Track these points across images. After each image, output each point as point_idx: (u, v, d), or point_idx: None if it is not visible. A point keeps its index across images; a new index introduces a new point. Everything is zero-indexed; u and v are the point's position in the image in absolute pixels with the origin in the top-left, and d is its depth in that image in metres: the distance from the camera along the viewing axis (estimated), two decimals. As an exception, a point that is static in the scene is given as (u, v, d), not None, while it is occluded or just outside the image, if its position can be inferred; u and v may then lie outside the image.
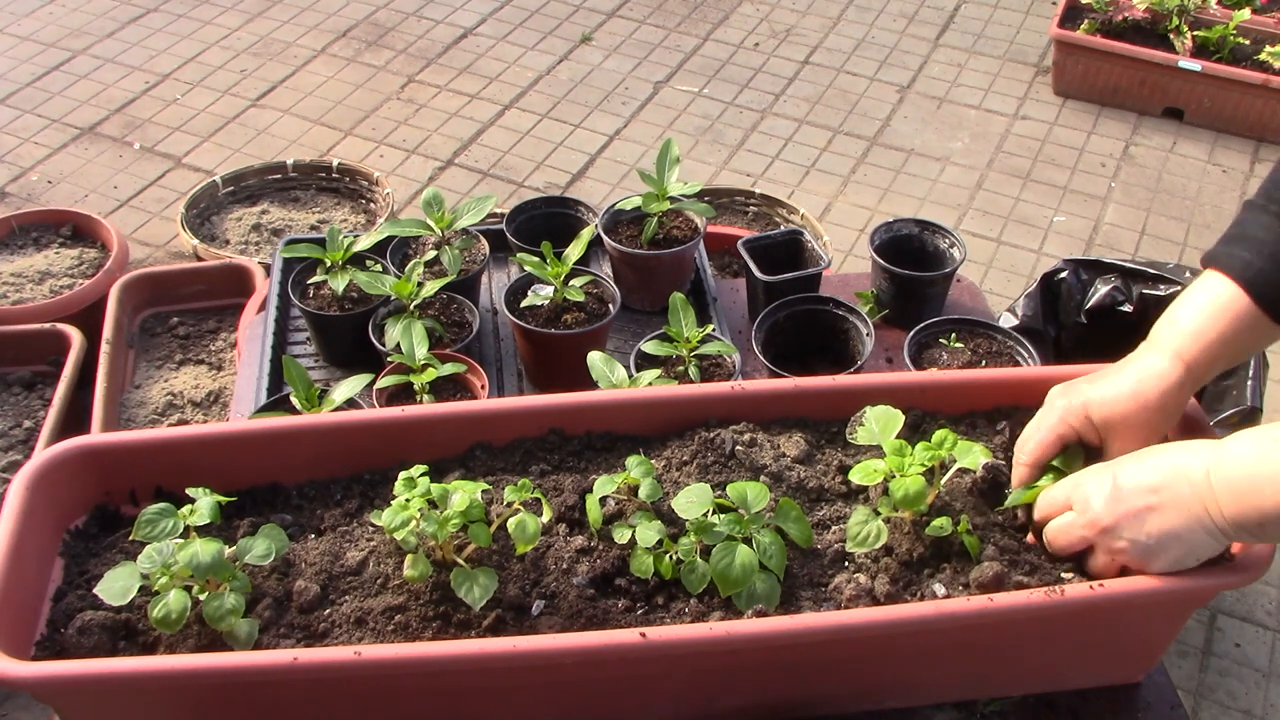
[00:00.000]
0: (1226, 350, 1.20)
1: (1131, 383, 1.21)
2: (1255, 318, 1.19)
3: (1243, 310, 1.19)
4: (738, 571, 1.15)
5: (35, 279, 2.88)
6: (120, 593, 1.11)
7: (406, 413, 1.32)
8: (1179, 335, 1.21)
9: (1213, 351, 1.20)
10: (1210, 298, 1.21)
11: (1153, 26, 3.95)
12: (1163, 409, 1.20)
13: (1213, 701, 2.33)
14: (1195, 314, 1.21)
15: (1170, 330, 1.23)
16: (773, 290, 1.88)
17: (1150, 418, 1.21)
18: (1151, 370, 1.21)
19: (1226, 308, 1.19)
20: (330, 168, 3.36)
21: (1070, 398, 1.25)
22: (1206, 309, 1.20)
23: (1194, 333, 1.20)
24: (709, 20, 4.49)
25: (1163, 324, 1.24)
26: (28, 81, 4.03)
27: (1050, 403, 1.27)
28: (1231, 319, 1.19)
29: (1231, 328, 1.20)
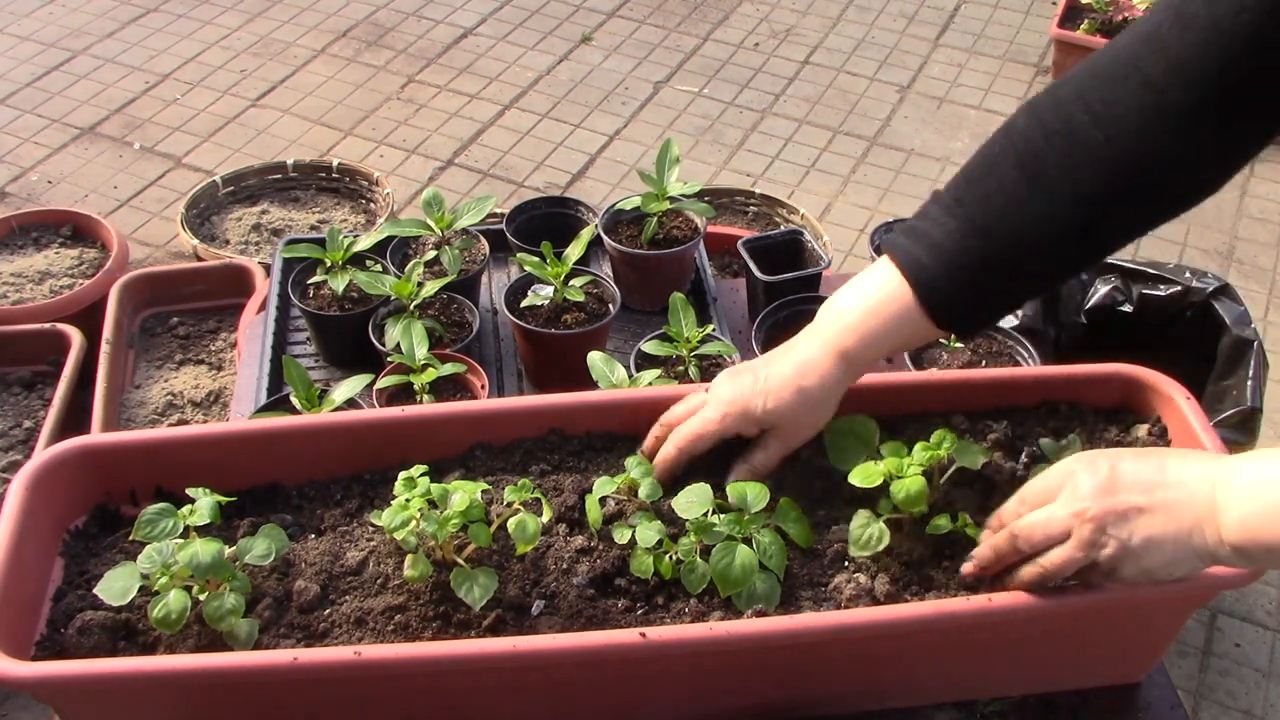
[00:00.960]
0: (887, 341, 1.21)
1: (792, 375, 1.21)
2: (918, 315, 1.18)
3: (906, 306, 1.18)
4: (738, 571, 1.16)
5: (35, 279, 2.88)
6: (120, 593, 1.11)
7: (406, 413, 1.32)
8: (841, 326, 1.21)
9: (871, 343, 1.20)
10: (876, 288, 1.19)
11: (1153, 26, 3.95)
12: (821, 402, 1.22)
13: (1213, 701, 2.33)
14: (859, 304, 1.20)
15: (833, 319, 1.22)
16: (773, 290, 1.88)
17: (808, 411, 1.22)
18: (811, 361, 1.21)
19: (890, 301, 1.18)
20: (330, 168, 3.36)
21: (734, 391, 1.23)
22: (871, 300, 1.19)
23: (855, 325, 1.20)
24: (709, 20, 4.49)
25: (827, 309, 1.24)
26: (28, 81, 4.03)
27: (715, 391, 1.26)
28: (894, 314, 1.18)
29: (893, 322, 1.19)
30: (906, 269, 1.18)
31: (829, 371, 1.21)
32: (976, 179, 1.16)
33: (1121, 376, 1.39)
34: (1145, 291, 2.27)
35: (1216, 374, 2.21)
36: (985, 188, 1.15)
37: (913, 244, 1.18)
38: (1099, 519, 1.04)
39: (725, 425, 1.23)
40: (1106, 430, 1.38)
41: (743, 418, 1.23)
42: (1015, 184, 1.12)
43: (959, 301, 1.17)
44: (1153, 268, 2.29)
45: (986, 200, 1.14)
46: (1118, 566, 1.05)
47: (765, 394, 1.22)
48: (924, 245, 1.17)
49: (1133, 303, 2.28)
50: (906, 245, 1.18)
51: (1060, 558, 1.07)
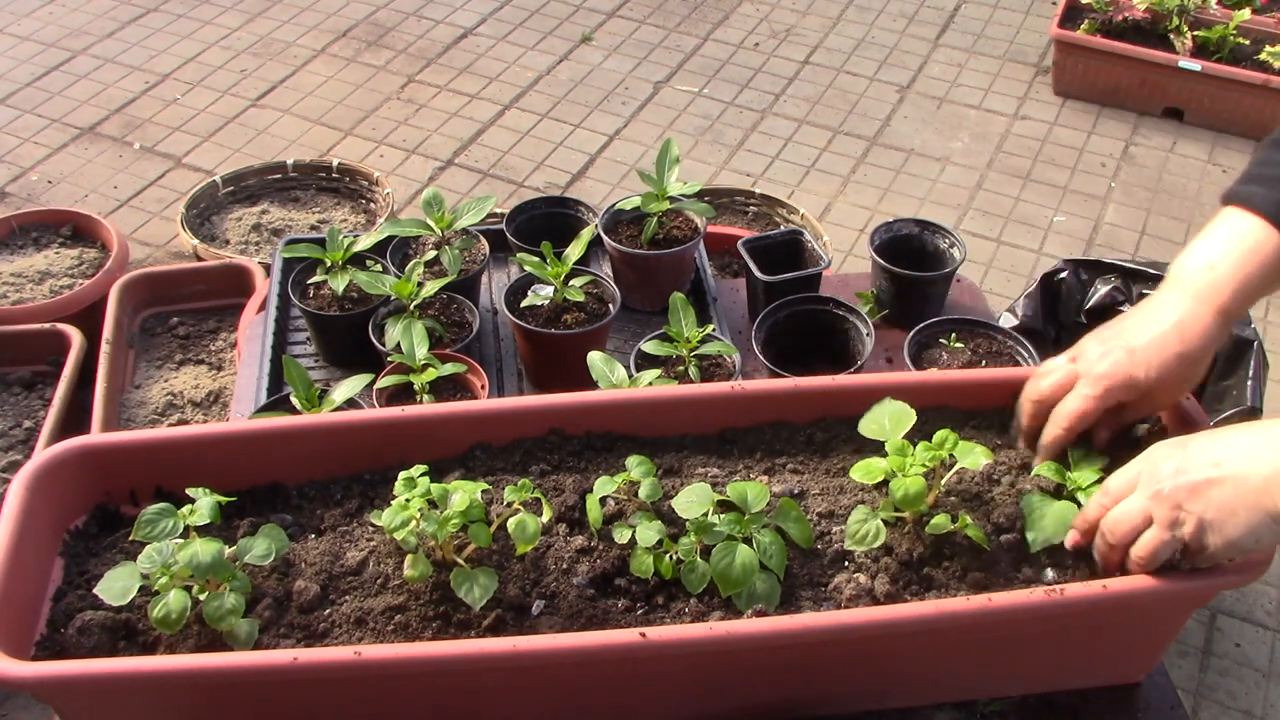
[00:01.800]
0: (1258, 292, 1.17)
1: (1174, 340, 1.17)
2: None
3: (1274, 249, 1.15)
4: (738, 571, 1.16)
5: (35, 279, 2.88)
6: (120, 593, 1.11)
7: (406, 413, 1.32)
8: (1214, 280, 1.17)
9: (1246, 294, 1.17)
10: (1240, 238, 1.16)
11: (1153, 26, 3.95)
12: (1202, 360, 1.18)
13: (1213, 701, 2.33)
14: (1230, 257, 1.16)
15: (1203, 275, 1.18)
16: (773, 290, 1.88)
17: (1191, 372, 1.18)
18: (1191, 322, 1.17)
19: (1259, 248, 1.15)
20: (330, 168, 3.36)
21: (1111, 361, 1.20)
22: (1241, 252, 1.16)
23: (1232, 279, 1.16)
24: (709, 20, 4.49)
25: (1191, 266, 1.19)
26: (28, 81, 4.03)
27: (1088, 367, 1.22)
28: (1263, 260, 1.15)
29: (1265, 270, 1.16)
30: (1264, 210, 1.15)
31: (1209, 330, 1.17)
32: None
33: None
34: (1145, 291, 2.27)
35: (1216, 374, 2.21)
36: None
37: (1263, 188, 1.16)
38: (1173, 497, 1.07)
39: (1108, 400, 1.21)
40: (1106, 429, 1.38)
41: (1126, 389, 1.20)
42: None
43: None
44: (1152, 268, 2.29)
45: None
46: (1204, 542, 1.07)
47: (1147, 363, 1.18)
48: (1273, 184, 1.16)
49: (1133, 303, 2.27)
50: (1261, 191, 1.17)
51: (1149, 544, 1.10)
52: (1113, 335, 1.22)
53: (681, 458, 1.35)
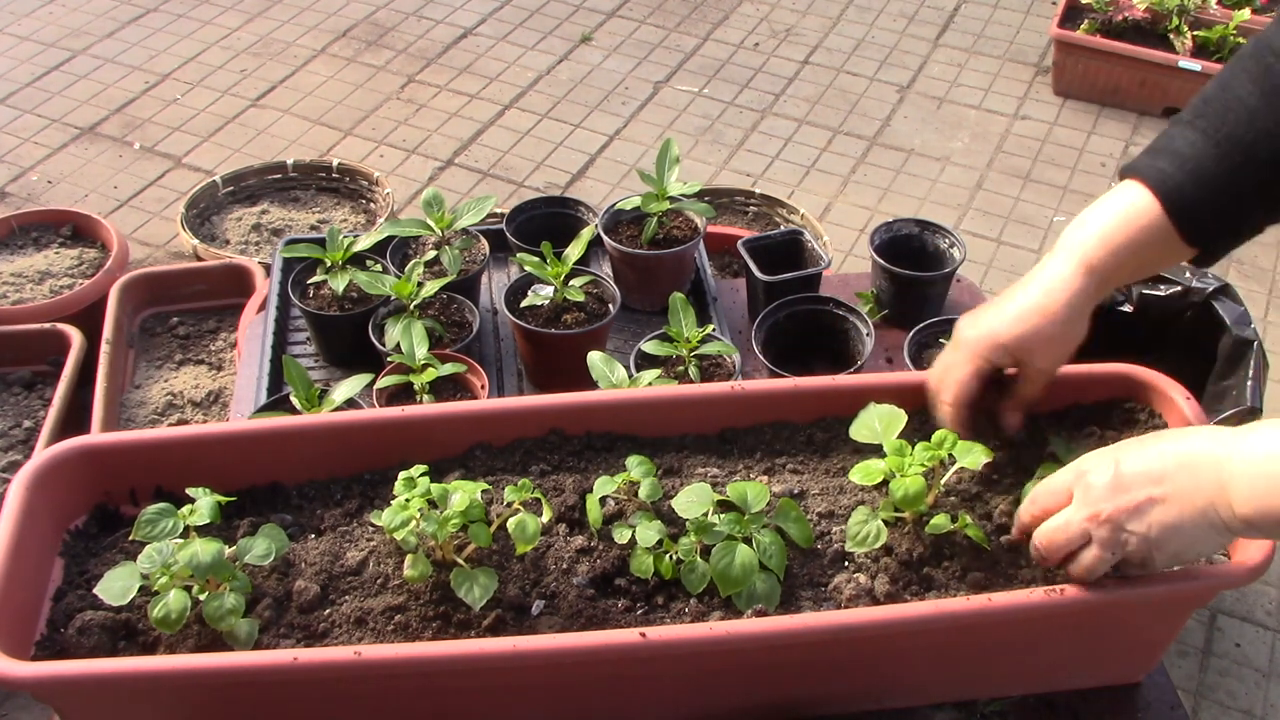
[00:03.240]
0: (1134, 259, 1.18)
1: (1037, 295, 1.19)
2: (1166, 230, 1.16)
3: (1154, 220, 1.16)
4: (738, 571, 1.16)
5: (35, 279, 2.88)
6: (120, 593, 1.11)
7: (406, 413, 1.32)
8: (1085, 240, 1.18)
9: (1120, 258, 1.17)
10: (1123, 205, 1.18)
11: (1153, 26, 3.95)
12: (1070, 320, 1.18)
13: (1213, 701, 2.33)
14: (1105, 219, 1.18)
15: (1076, 235, 1.20)
16: (773, 290, 1.88)
17: (1059, 330, 1.19)
18: (1056, 279, 1.18)
19: (1138, 216, 1.16)
20: (330, 168, 3.36)
21: (977, 327, 1.23)
22: (1118, 215, 1.18)
23: (1101, 237, 1.17)
24: (709, 20, 4.49)
25: (1070, 230, 1.21)
26: (28, 81, 4.03)
27: (958, 335, 1.26)
28: (1142, 228, 1.16)
29: (1141, 236, 1.16)
30: (1150, 180, 1.17)
31: (1076, 287, 1.18)
32: (1212, 98, 1.17)
33: (1121, 376, 1.39)
34: (1145, 291, 2.27)
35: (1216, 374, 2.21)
36: (1222, 103, 1.16)
37: (1155, 160, 1.18)
38: (1114, 519, 1.07)
39: (976, 363, 1.22)
40: (1107, 430, 1.38)
41: (992, 349, 1.21)
42: (1252, 97, 1.14)
43: (1206, 210, 1.15)
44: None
45: (1224, 114, 1.15)
46: (1146, 559, 1.08)
47: (1009, 320, 1.20)
48: (1167, 158, 1.17)
49: (1133, 303, 2.27)
50: (1148, 161, 1.18)
51: (1088, 563, 1.11)
52: (986, 305, 1.25)
53: (681, 458, 1.35)
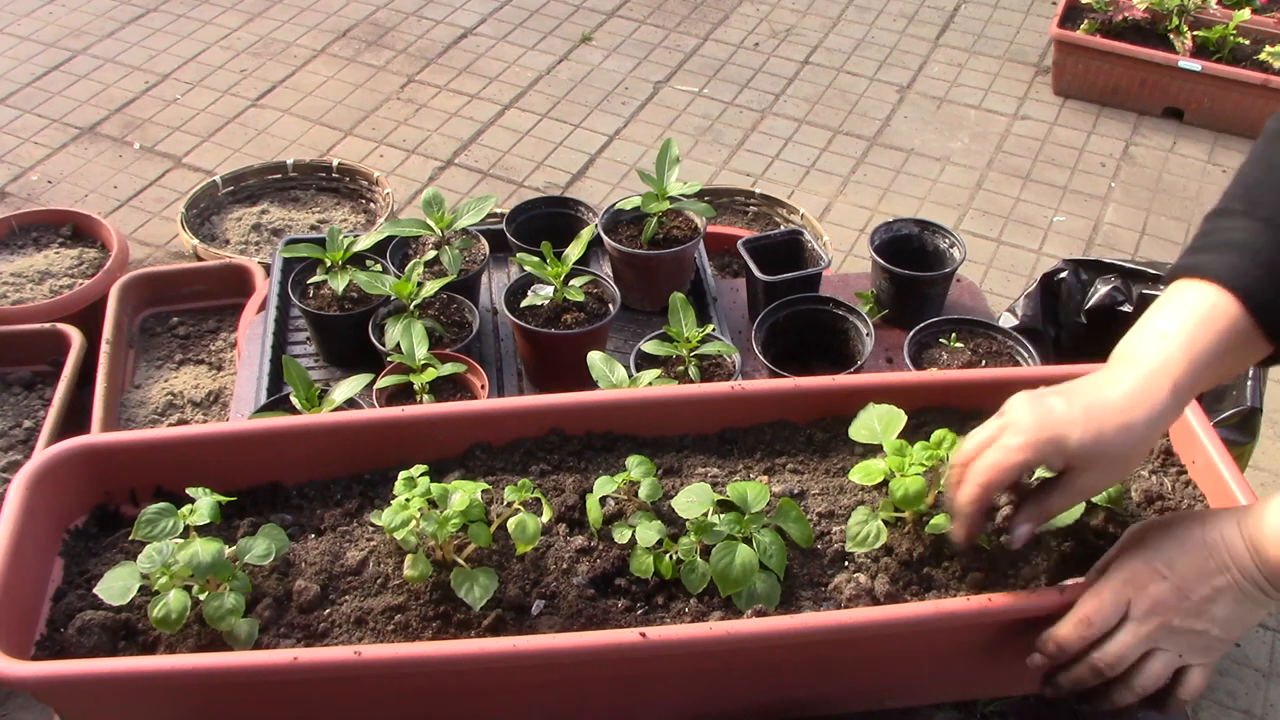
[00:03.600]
0: (1215, 369, 1.05)
1: (1117, 408, 1.03)
2: (1247, 330, 1.04)
3: (1234, 321, 1.03)
4: (738, 571, 1.15)
5: (35, 279, 2.88)
6: (120, 592, 1.11)
7: (406, 413, 1.32)
8: (1168, 353, 1.04)
9: (1204, 371, 1.04)
10: (1197, 308, 1.04)
11: (1153, 26, 3.95)
12: (1147, 440, 1.04)
13: (1213, 701, 2.33)
14: (1183, 327, 1.04)
15: (1155, 346, 1.05)
16: (773, 290, 1.88)
17: (1131, 447, 1.04)
18: (1138, 393, 1.03)
19: (1216, 319, 1.03)
20: (330, 168, 3.36)
21: (1043, 414, 1.05)
22: (1196, 322, 1.04)
23: (1185, 349, 1.03)
24: (709, 20, 4.49)
25: (1141, 338, 1.07)
26: (28, 81, 4.03)
27: (1014, 417, 1.07)
28: (1222, 332, 1.03)
29: (1223, 342, 1.04)
30: (1221, 278, 1.04)
31: (1159, 405, 1.03)
32: (1259, 182, 1.08)
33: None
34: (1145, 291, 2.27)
35: (1216, 374, 2.21)
36: (1272, 186, 1.07)
37: (1220, 255, 1.06)
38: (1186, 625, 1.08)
39: (1030, 456, 1.04)
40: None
41: (1053, 448, 1.04)
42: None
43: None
44: (1152, 268, 2.29)
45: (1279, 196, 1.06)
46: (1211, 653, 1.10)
47: (1084, 425, 1.03)
48: (1232, 252, 1.05)
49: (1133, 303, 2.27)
50: (1212, 259, 1.06)
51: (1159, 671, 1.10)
52: (1050, 392, 1.08)
53: (681, 458, 1.35)
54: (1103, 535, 1.25)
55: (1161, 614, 1.07)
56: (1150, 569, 1.08)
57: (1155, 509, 1.29)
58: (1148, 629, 1.08)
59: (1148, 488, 1.32)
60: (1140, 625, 1.08)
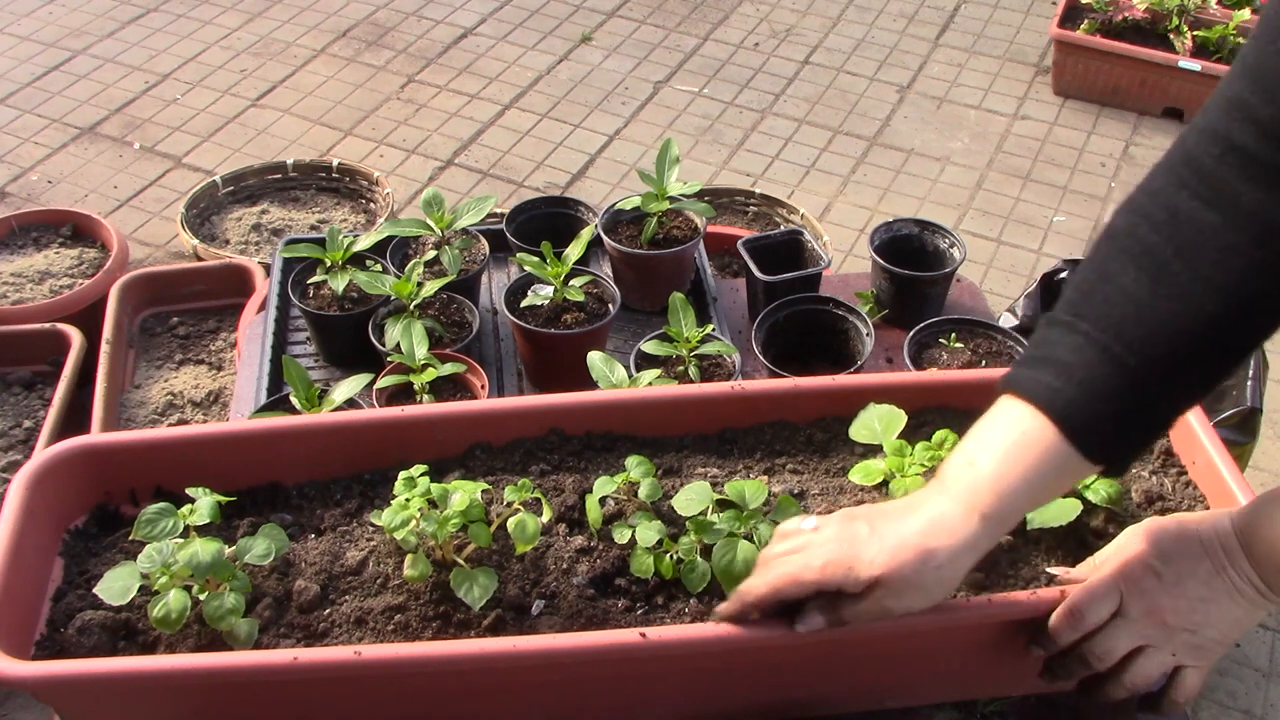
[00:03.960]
0: (1031, 494, 1.01)
1: (916, 539, 1.01)
2: (1065, 454, 0.99)
3: (1050, 446, 0.99)
4: (740, 567, 1.15)
5: (35, 279, 2.88)
6: (120, 592, 1.11)
7: (406, 413, 1.32)
8: (976, 484, 1.01)
9: (1013, 499, 1.01)
10: (1011, 433, 1.01)
11: (1153, 26, 3.95)
12: (947, 573, 1.02)
13: (1213, 701, 2.33)
14: (994, 455, 1.01)
15: (964, 474, 1.02)
16: (773, 290, 1.88)
17: (934, 581, 1.02)
18: (941, 523, 1.01)
19: (1031, 444, 1.00)
20: (330, 168, 3.36)
21: (844, 540, 1.04)
22: (1008, 448, 1.01)
23: (993, 480, 1.00)
24: (709, 20, 4.49)
25: (953, 463, 1.05)
26: (28, 81, 4.03)
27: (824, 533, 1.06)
28: (1038, 457, 1.00)
29: (1038, 468, 1.00)
30: (1038, 399, 1.00)
31: (962, 535, 1.01)
32: (1091, 290, 1.02)
33: (1121, 376, 1.39)
34: (1145, 291, 2.27)
35: (1216, 374, 2.21)
36: (1104, 296, 1.01)
37: (1038, 373, 1.02)
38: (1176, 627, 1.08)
39: (824, 578, 1.04)
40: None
41: (847, 575, 1.03)
42: (1137, 285, 0.99)
43: (1107, 425, 1.00)
44: (1153, 268, 2.29)
45: (1109, 309, 1.00)
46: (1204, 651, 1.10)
47: (874, 558, 1.02)
48: (1051, 370, 1.01)
49: (1133, 303, 2.27)
50: (1032, 375, 1.02)
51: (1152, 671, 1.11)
52: (862, 516, 1.06)
53: (681, 458, 1.35)
54: (1103, 535, 1.25)
55: (1155, 611, 1.08)
56: (1145, 567, 1.09)
57: (1155, 509, 1.29)
58: (1141, 625, 1.09)
59: (1148, 488, 1.32)
60: (1134, 622, 1.09)
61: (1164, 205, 1.00)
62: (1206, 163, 0.97)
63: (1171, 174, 1.01)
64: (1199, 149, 0.98)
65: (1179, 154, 1.01)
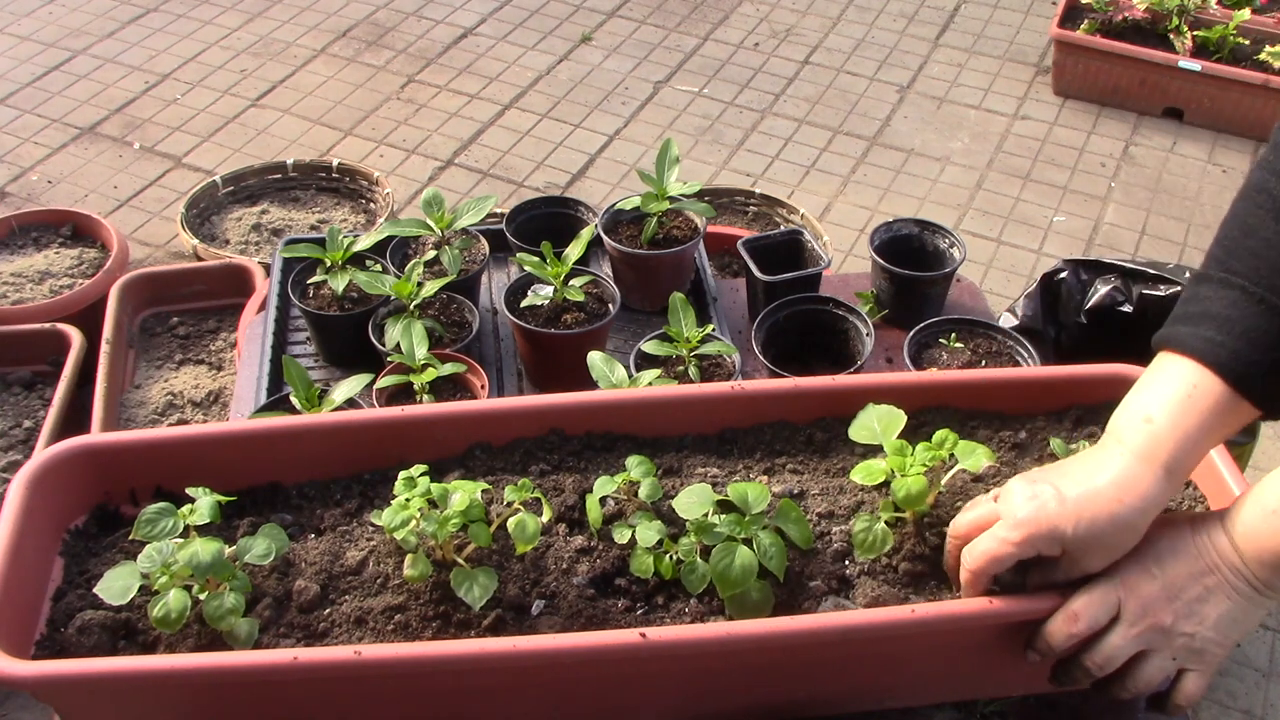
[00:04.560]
0: (1207, 443, 1.06)
1: (1108, 497, 1.04)
2: (1233, 404, 1.03)
3: (1219, 398, 1.03)
4: (737, 572, 1.15)
5: (35, 279, 2.88)
6: (120, 592, 1.11)
7: (406, 413, 1.32)
8: (1157, 436, 1.04)
9: (1191, 448, 1.05)
10: (1181, 387, 1.05)
11: (1153, 26, 3.95)
12: (1141, 524, 1.05)
13: (1213, 701, 2.33)
14: (1170, 408, 1.04)
15: (1142, 429, 1.05)
16: (773, 290, 1.88)
17: (1124, 537, 1.06)
18: (1128, 479, 1.04)
19: (1202, 397, 1.04)
20: (330, 168, 3.36)
21: (1035, 506, 1.06)
22: (1181, 401, 1.04)
23: (1173, 431, 1.04)
24: (709, 20, 4.49)
25: (1129, 419, 1.07)
26: (28, 81, 4.03)
27: (1011, 507, 1.08)
28: (1208, 409, 1.03)
29: (1211, 419, 1.04)
30: (1203, 355, 1.04)
31: (1150, 490, 1.04)
32: (1236, 245, 1.06)
33: (1121, 377, 1.39)
34: (1145, 291, 2.27)
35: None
36: (1250, 250, 1.05)
37: (1199, 328, 1.05)
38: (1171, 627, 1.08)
39: (1025, 549, 1.07)
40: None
41: (1047, 541, 1.06)
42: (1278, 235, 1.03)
43: (1271, 371, 1.03)
44: (1153, 268, 2.29)
45: (1258, 262, 1.04)
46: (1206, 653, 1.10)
47: (1076, 516, 1.04)
48: (1211, 325, 1.04)
49: (1133, 303, 2.27)
50: (1192, 331, 1.05)
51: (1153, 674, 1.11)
52: (1044, 479, 1.09)
53: (681, 458, 1.35)
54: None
55: (1152, 615, 1.08)
56: (1142, 569, 1.08)
57: (1155, 509, 1.29)
58: (1138, 630, 1.08)
59: (1148, 488, 1.32)
60: (1131, 626, 1.09)
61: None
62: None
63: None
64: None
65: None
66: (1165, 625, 1.08)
